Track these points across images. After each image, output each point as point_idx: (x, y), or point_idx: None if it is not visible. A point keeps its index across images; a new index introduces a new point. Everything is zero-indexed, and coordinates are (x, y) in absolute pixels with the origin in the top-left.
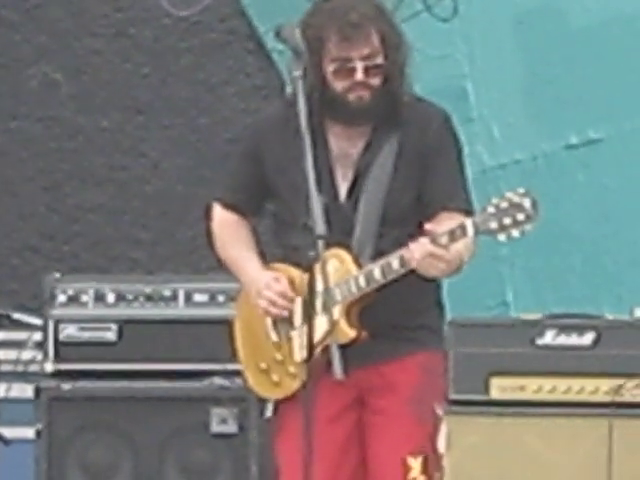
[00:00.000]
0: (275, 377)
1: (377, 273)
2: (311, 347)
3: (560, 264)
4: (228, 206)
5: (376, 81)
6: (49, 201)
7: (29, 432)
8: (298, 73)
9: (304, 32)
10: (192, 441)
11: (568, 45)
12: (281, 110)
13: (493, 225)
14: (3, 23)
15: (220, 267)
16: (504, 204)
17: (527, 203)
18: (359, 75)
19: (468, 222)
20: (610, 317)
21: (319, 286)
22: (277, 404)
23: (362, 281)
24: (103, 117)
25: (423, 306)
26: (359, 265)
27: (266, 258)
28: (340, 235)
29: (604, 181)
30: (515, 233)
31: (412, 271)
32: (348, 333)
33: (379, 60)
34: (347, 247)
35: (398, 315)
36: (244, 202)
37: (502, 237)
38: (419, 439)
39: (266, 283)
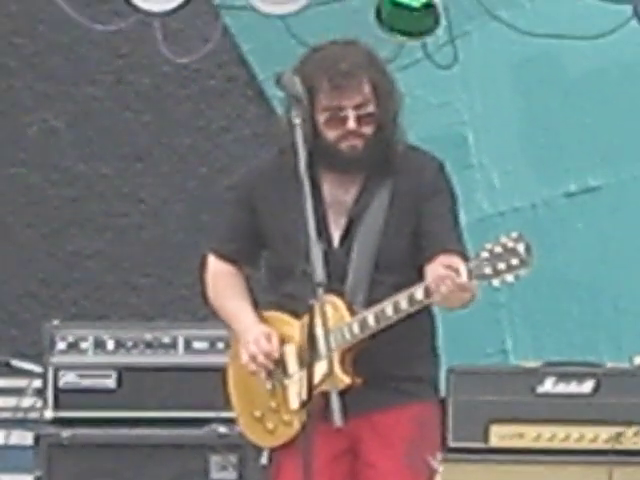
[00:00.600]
0: (270, 425)
1: (371, 320)
2: (310, 390)
3: (559, 311)
4: (222, 256)
5: (368, 130)
6: (48, 248)
7: (28, 479)
8: (298, 120)
9: None
10: None
11: (566, 92)
12: (274, 158)
13: (487, 270)
14: (3, 70)
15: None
16: (498, 249)
17: (521, 248)
18: (351, 124)
19: (462, 268)
20: (610, 365)
21: (318, 331)
22: (272, 452)
23: (356, 328)
24: (103, 164)
25: (417, 356)
26: (352, 312)
27: (258, 307)
28: (333, 282)
29: (603, 228)
30: (509, 278)
31: (404, 320)
32: (343, 379)
33: (371, 109)
34: (340, 294)
35: (392, 364)
36: (238, 252)
37: (496, 282)
38: None
39: (255, 338)
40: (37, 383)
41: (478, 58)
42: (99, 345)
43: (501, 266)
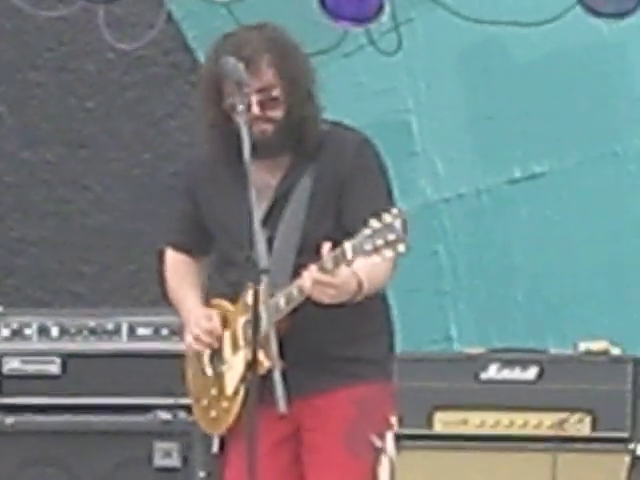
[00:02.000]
0: (213, 413)
1: (282, 302)
2: (255, 363)
3: (503, 298)
4: (176, 247)
5: (277, 113)
6: None
7: None
8: (242, 107)
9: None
10: (136, 475)
11: (511, 79)
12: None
13: (368, 247)
14: None
15: (163, 300)
16: (377, 225)
17: (397, 224)
18: (254, 109)
19: (347, 245)
20: (553, 351)
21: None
22: (222, 439)
23: (271, 311)
24: (46, 150)
25: (361, 336)
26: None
27: (208, 295)
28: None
29: (547, 215)
30: (388, 254)
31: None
32: (264, 363)
33: (275, 92)
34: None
35: (332, 346)
36: (189, 242)
37: (377, 258)
38: (355, 474)
39: (195, 319)
40: None
41: (422, 45)
42: (43, 332)
43: (379, 242)
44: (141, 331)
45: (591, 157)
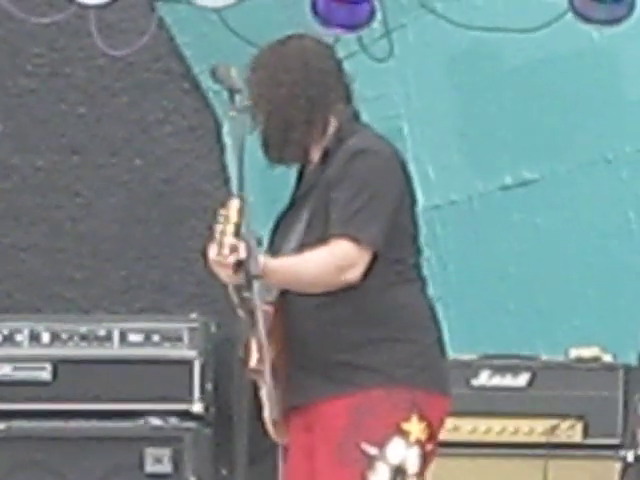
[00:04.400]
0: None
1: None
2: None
3: (495, 304)
4: None
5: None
6: None
7: None
8: (233, 113)
9: None
10: None
11: (502, 85)
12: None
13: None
14: None
15: (153, 308)
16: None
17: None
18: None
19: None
20: (545, 358)
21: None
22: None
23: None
24: (38, 156)
25: (363, 343)
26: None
27: None
28: None
29: (538, 221)
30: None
31: (348, 308)
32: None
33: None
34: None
35: (333, 352)
36: None
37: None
38: None
39: None
40: None
41: (414, 51)
42: (34, 337)
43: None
44: (132, 337)
45: (583, 163)
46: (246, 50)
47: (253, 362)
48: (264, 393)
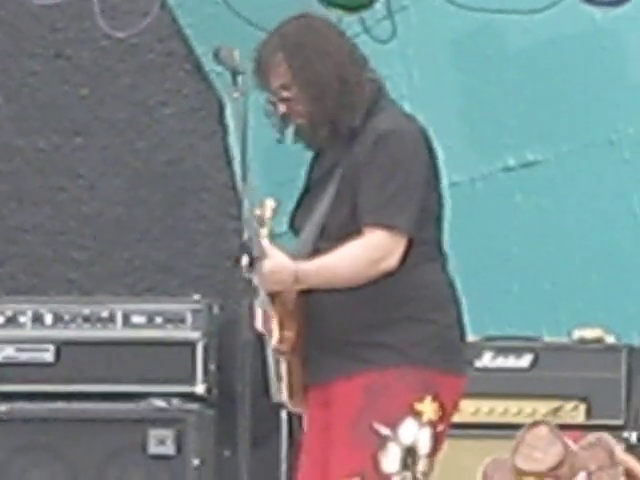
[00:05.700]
0: None
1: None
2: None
3: (497, 286)
4: None
5: (300, 108)
6: None
7: None
8: (236, 95)
9: None
10: (130, 463)
11: (506, 67)
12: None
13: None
14: None
15: (156, 289)
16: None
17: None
18: (280, 108)
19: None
20: (548, 339)
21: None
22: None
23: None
24: (40, 138)
25: (382, 322)
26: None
27: None
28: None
29: (542, 203)
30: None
31: (371, 288)
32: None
33: (286, 93)
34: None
35: (351, 331)
36: None
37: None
38: (354, 462)
39: None
40: None
41: (416, 32)
42: (37, 319)
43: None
44: (135, 319)
45: (586, 145)
46: (249, 31)
47: (275, 340)
48: (283, 369)
